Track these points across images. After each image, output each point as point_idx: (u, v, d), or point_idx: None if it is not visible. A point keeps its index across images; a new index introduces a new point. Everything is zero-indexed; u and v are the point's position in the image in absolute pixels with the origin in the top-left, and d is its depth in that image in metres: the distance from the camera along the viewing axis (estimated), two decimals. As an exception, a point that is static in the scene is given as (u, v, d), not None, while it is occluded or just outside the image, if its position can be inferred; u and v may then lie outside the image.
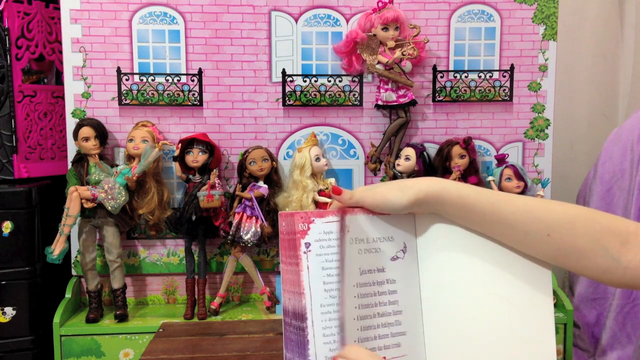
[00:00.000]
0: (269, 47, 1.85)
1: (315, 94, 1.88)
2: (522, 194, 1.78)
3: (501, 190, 1.80)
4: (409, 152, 1.83)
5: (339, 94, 1.88)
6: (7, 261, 1.72)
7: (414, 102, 1.84)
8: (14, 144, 1.78)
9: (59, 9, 1.80)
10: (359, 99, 1.88)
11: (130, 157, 1.79)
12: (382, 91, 1.84)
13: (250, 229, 1.78)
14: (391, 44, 1.81)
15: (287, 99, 1.87)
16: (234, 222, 1.79)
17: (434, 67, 1.89)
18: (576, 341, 2.01)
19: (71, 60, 1.81)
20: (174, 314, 1.82)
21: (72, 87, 1.82)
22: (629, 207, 1.86)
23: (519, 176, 1.80)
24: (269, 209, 1.80)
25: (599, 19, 2.40)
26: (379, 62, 1.83)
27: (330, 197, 1.81)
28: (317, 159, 1.82)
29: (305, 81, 1.87)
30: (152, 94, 1.84)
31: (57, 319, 1.70)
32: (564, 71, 2.26)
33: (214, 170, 1.79)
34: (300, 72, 1.87)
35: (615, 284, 0.72)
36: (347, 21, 1.86)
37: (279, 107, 1.88)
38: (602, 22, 2.40)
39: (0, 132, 1.77)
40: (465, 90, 1.90)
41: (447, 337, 0.74)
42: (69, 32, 1.80)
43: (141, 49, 1.83)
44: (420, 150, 1.83)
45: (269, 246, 1.90)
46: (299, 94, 1.87)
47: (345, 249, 0.70)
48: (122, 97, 1.84)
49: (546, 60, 1.90)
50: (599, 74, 2.43)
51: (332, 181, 1.87)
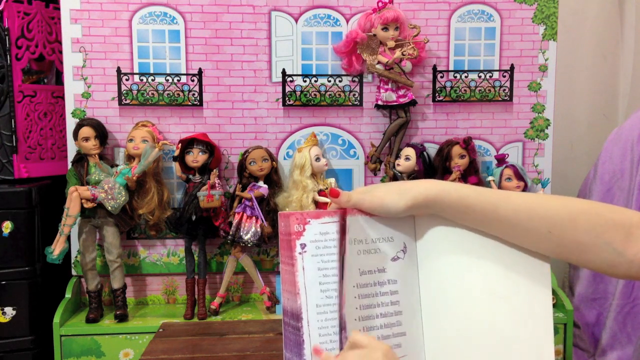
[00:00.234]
0: (269, 47, 1.85)
1: (315, 94, 1.87)
2: (522, 194, 1.78)
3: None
4: (409, 152, 1.83)
5: (339, 94, 1.88)
6: (7, 261, 1.72)
7: (414, 102, 1.84)
8: (14, 144, 1.78)
9: (59, 9, 1.80)
10: (359, 99, 1.88)
11: (130, 157, 1.79)
12: (382, 91, 1.84)
13: (250, 229, 1.78)
14: (391, 44, 1.81)
15: (287, 99, 1.87)
16: (234, 222, 1.79)
17: (434, 67, 1.89)
18: (576, 341, 2.01)
19: (71, 60, 1.81)
20: (174, 314, 1.82)
21: (72, 87, 1.82)
22: (629, 207, 1.86)
23: (519, 176, 1.80)
24: (269, 209, 1.80)
25: (599, 19, 2.40)
26: (379, 62, 1.83)
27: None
28: (317, 159, 1.82)
29: (305, 81, 1.87)
30: (152, 94, 1.84)
31: (57, 319, 1.70)
32: (564, 71, 2.25)
33: (214, 170, 1.79)
34: (300, 72, 1.87)
35: (620, 276, 0.72)
36: (347, 21, 1.86)
37: (279, 107, 1.88)
38: (602, 22, 2.40)
39: (0, 132, 1.77)
40: (465, 90, 1.90)
41: (446, 337, 0.74)
42: (69, 32, 1.80)
43: (141, 49, 1.83)
44: (420, 150, 1.83)
45: (269, 246, 1.90)
46: (299, 94, 1.87)
47: (345, 250, 0.70)
48: (122, 97, 1.84)
49: (546, 60, 1.90)
50: (599, 74, 2.43)
51: (332, 181, 1.87)
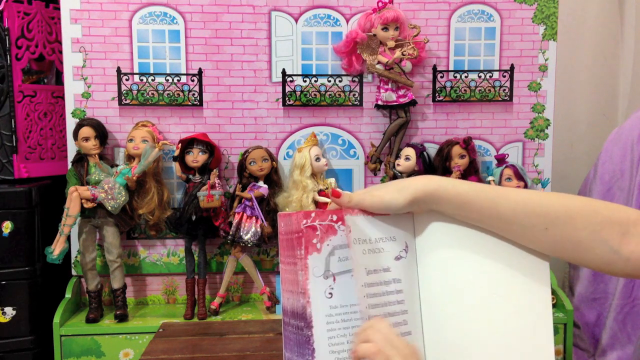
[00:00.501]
0: (269, 47, 1.85)
1: (315, 94, 1.87)
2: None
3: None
4: (409, 152, 1.83)
5: (339, 94, 1.88)
6: (7, 261, 1.72)
7: (414, 102, 1.84)
8: (14, 144, 1.78)
9: (59, 9, 1.80)
10: (359, 99, 1.88)
11: (130, 157, 1.79)
12: (382, 91, 1.84)
13: (250, 229, 1.78)
14: (391, 44, 1.81)
15: (287, 99, 1.87)
16: (234, 222, 1.79)
17: (434, 67, 1.89)
18: (576, 341, 2.01)
19: (71, 60, 1.81)
20: (174, 314, 1.82)
21: (72, 87, 1.82)
22: (629, 206, 1.86)
23: (519, 176, 1.80)
24: (269, 209, 1.80)
25: (599, 19, 2.40)
26: (379, 62, 1.83)
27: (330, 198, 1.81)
28: (317, 159, 1.82)
29: (305, 81, 1.87)
30: (152, 94, 1.84)
31: (57, 319, 1.70)
32: (564, 71, 2.26)
33: (214, 170, 1.79)
34: (300, 72, 1.87)
35: (617, 274, 0.72)
36: (347, 21, 1.86)
37: (279, 107, 1.88)
38: (602, 22, 2.40)
39: (0, 132, 1.77)
40: (465, 90, 1.90)
41: (445, 335, 0.74)
42: (69, 32, 1.80)
43: (141, 49, 1.83)
44: (420, 150, 1.83)
45: (269, 246, 1.90)
46: (299, 94, 1.87)
47: (352, 249, 0.70)
48: (122, 97, 1.83)
49: (546, 60, 1.90)
50: (599, 74, 2.43)
51: (332, 181, 1.87)
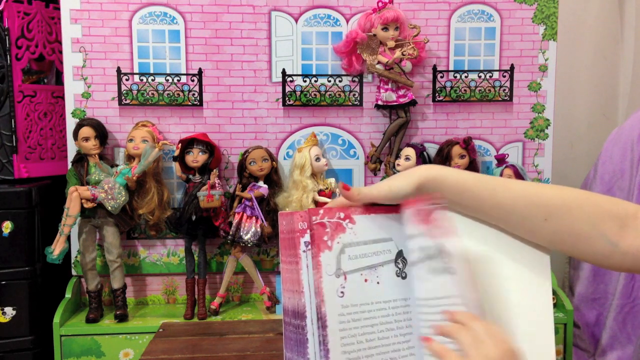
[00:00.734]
0: (269, 47, 1.85)
1: (315, 94, 1.87)
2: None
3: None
4: (409, 152, 1.83)
5: (339, 94, 1.88)
6: (7, 261, 1.72)
7: (414, 102, 1.84)
8: (14, 144, 1.78)
9: (59, 9, 1.80)
10: (359, 99, 1.88)
11: (130, 157, 1.79)
12: (382, 91, 1.84)
13: (250, 229, 1.78)
14: (391, 44, 1.81)
15: (287, 99, 1.87)
16: (234, 222, 1.79)
17: (434, 67, 1.89)
18: (576, 341, 2.01)
19: (71, 60, 1.81)
20: (174, 314, 1.82)
21: (72, 87, 1.82)
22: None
23: (519, 176, 1.80)
24: (269, 209, 1.80)
25: (599, 19, 2.40)
26: (379, 62, 1.83)
27: (330, 197, 1.81)
28: (317, 159, 1.82)
29: (305, 81, 1.87)
30: (152, 94, 1.84)
31: (57, 319, 1.70)
32: (564, 71, 2.26)
33: (214, 170, 1.79)
34: (300, 72, 1.87)
35: (615, 268, 0.72)
36: (347, 21, 1.86)
37: (279, 107, 1.88)
38: (602, 22, 2.40)
39: (0, 132, 1.77)
40: (465, 90, 1.90)
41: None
42: (69, 32, 1.80)
43: (141, 49, 1.83)
44: (420, 150, 1.83)
45: (269, 246, 1.90)
46: (299, 94, 1.87)
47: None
48: (122, 97, 1.83)
49: (546, 60, 1.90)
50: (599, 74, 2.43)
51: (332, 181, 1.87)
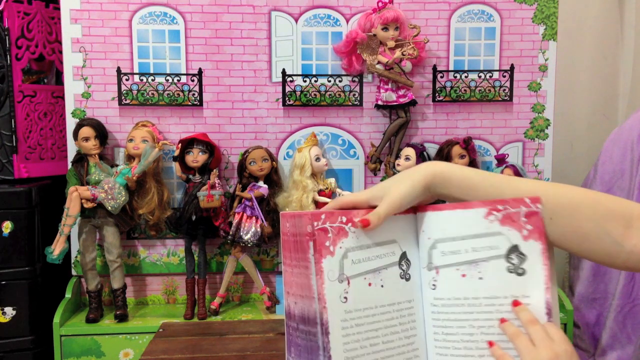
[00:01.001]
0: (269, 47, 1.85)
1: (315, 94, 1.87)
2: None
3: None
4: (409, 152, 1.83)
5: (339, 94, 1.88)
6: (7, 261, 1.72)
7: (414, 102, 1.84)
8: (14, 144, 1.78)
9: (59, 9, 1.80)
10: (359, 99, 1.88)
11: (130, 157, 1.79)
12: (382, 91, 1.84)
13: (250, 229, 1.78)
14: (391, 44, 1.81)
15: (287, 99, 1.87)
16: (234, 222, 1.79)
17: (434, 67, 1.89)
18: (576, 341, 2.01)
19: (71, 60, 1.81)
20: (174, 314, 1.82)
21: (72, 87, 1.82)
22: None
23: (519, 176, 1.80)
24: (269, 209, 1.80)
25: (599, 19, 2.39)
26: (379, 62, 1.83)
27: (330, 197, 1.81)
28: (317, 159, 1.82)
29: (305, 81, 1.87)
30: (152, 94, 1.84)
31: (57, 319, 1.70)
32: (564, 71, 2.25)
33: (214, 170, 1.79)
34: (300, 72, 1.86)
35: (619, 267, 0.72)
36: (347, 21, 1.86)
37: (279, 107, 1.88)
38: (602, 22, 2.40)
39: (0, 132, 1.77)
40: (465, 90, 1.90)
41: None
42: (69, 32, 1.80)
43: (141, 49, 1.83)
44: (420, 150, 1.83)
45: (269, 246, 1.90)
46: (299, 94, 1.87)
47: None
48: (122, 97, 1.83)
49: (546, 60, 1.90)
50: (599, 74, 2.43)
51: (332, 181, 1.87)
